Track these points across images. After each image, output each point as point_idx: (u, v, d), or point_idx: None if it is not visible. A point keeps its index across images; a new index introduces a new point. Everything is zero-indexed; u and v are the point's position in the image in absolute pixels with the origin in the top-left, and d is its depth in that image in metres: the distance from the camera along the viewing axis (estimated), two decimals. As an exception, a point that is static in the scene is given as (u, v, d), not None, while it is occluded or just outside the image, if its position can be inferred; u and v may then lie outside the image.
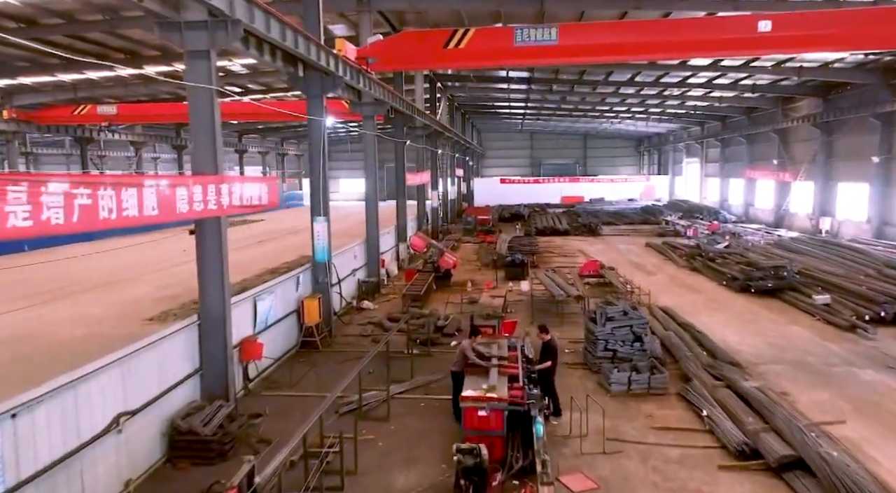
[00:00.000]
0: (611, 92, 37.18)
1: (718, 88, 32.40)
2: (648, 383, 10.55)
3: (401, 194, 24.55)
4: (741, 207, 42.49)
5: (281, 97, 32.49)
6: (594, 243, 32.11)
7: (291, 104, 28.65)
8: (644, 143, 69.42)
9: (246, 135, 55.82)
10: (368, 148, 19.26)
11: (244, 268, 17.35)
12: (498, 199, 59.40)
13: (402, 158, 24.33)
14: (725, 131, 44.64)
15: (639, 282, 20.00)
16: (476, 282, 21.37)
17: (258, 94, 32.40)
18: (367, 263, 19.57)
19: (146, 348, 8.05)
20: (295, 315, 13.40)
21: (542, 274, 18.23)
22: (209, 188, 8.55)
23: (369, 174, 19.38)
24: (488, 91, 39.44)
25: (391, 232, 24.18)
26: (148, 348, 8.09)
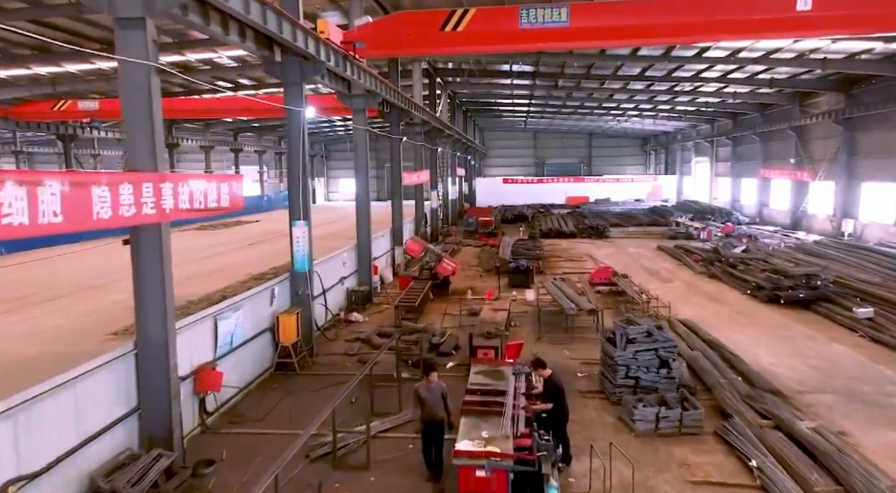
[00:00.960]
0: (619, 87, 35.46)
1: (734, 82, 30.68)
2: (680, 421, 8.86)
3: (397, 195, 22.89)
4: (754, 208, 40.72)
5: (276, 93, 30.85)
6: (602, 247, 30.41)
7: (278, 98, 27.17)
8: (650, 142, 67.65)
9: (241, 133, 54.26)
10: (359, 145, 17.60)
11: (231, 273, 15.84)
12: (500, 199, 57.78)
13: (399, 156, 22.67)
14: (737, 129, 42.87)
15: (654, 290, 18.33)
16: (477, 290, 19.68)
17: (250, 89, 30.79)
18: (357, 270, 17.91)
19: (54, 391, 6.38)
20: (269, 333, 11.74)
21: (549, 283, 16.54)
22: (144, 188, 6.90)
23: (360, 173, 17.72)
24: (490, 87, 37.75)
25: (386, 235, 22.52)
26: (58, 391, 6.42)
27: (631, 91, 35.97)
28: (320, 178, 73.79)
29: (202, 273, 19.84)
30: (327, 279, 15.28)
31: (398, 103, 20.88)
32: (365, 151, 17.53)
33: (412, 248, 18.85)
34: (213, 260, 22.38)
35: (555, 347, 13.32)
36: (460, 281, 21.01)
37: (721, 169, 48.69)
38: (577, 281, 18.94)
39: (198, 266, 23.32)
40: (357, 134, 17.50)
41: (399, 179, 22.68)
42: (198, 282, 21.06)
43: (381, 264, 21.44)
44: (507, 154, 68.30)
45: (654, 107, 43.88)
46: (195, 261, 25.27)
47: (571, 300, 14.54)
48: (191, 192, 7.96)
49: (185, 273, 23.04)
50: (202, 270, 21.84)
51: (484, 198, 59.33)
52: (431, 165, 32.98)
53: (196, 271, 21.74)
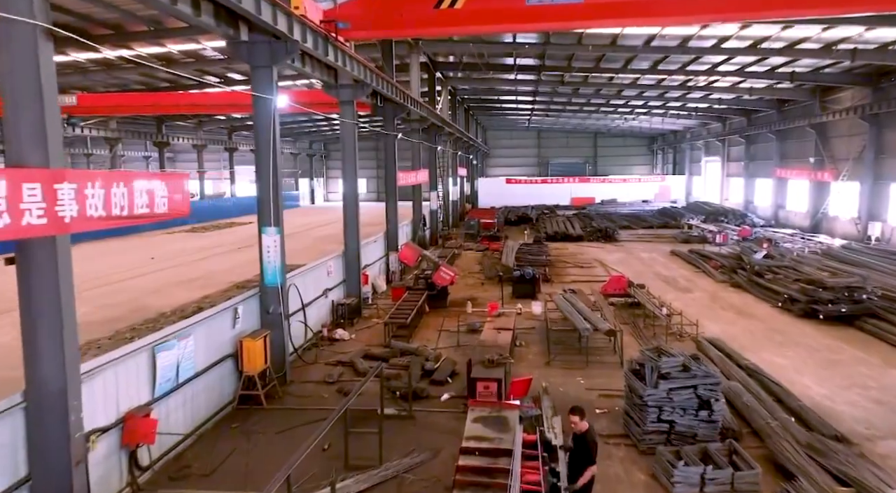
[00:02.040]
0: (629, 82, 33.61)
1: (752, 76, 28.77)
2: (731, 484, 7.04)
3: (392, 196, 21.09)
4: (769, 210, 38.80)
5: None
6: (612, 251, 28.56)
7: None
8: (657, 141, 65.77)
9: (236, 132, 52.59)
10: (346, 140, 15.81)
11: (213, 280, 14.26)
12: (503, 200, 55.99)
13: (393, 153, 20.87)
14: (752, 127, 40.97)
15: (672, 301, 16.54)
16: (478, 301, 17.87)
17: (240, 85, 29.02)
18: (345, 280, 16.11)
19: None
20: (231, 361, 9.95)
21: (559, 297, 14.68)
22: (26, 190, 5.12)
23: (348, 172, 15.93)
24: (493, 82, 35.93)
25: (379, 240, 20.73)
26: None
27: (641, 86, 34.12)
28: (319, 178, 72.18)
29: (182, 280, 18.03)
30: (309, 292, 13.50)
31: (392, 97, 19.08)
32: (353, 148, 15.74)
33: (406, 255, 17.06)
34: (197, 266, 20.67)
35: (567, 373, 11.51)
36: (460, 290, 19.21)
37: (733, 169, 46.79)
38: (589, 293, 17.11)
39: (179, 272, 21.57)
40: (344, 129, 15.71)
41: (394, 178, 20.88)
42: (175, 290, 19.32)
43: (374, 271, 19.65)
44: (510, 154, 66.53)
45: (665, 104, 42.01)
46: (177, 266, 23.50)
47: (585, 317, 12.71)
48: (107, 195, 6.17)
49: (165, 280, 21.29)
50: (183, 276, 20.00)
51: (486, 199, 57.53)
52: (431, 165, 31.20)
53: (177, 277, 19.96)
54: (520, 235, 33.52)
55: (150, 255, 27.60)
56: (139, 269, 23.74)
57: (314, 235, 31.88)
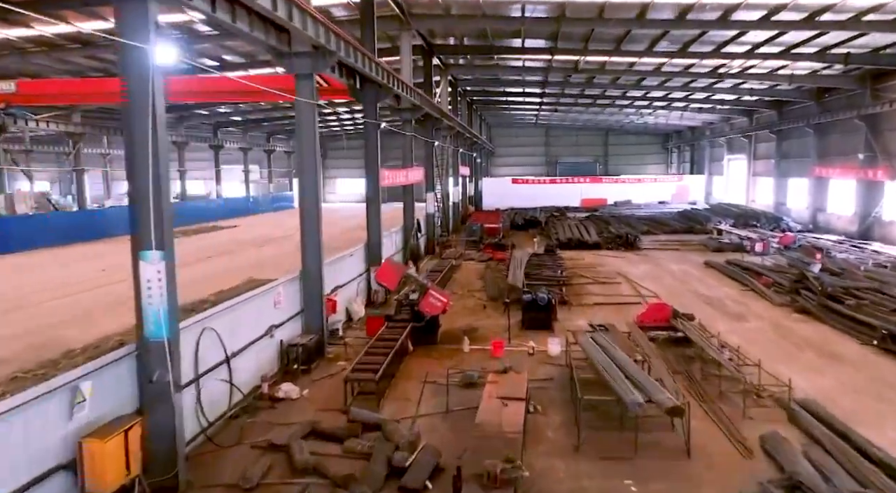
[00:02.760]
0: (651, 70, 29.75)
1: (799, 58, 24.83)
2: None
3: (374, 199, 17.30)
4: (806, 213, 34.79)
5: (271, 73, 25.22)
6: (635, 262, 24.66)
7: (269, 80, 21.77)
8: (672, 138, 61.84)
9: (222, 128, 48.94)
10: (304, 126, 12.02)
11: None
12: (509, 201, 52.18)
13: (375, 146, 17.09)
14: (784, 121, 36.98)
15: (726, 332, 12.78)
16: (478, 332, 14.07)
17: (240, 69, 25.24)
18: (302, 310, 12.31)
19: None
20: (69, 474, 6.13)
21: (586, 340, 10.70)
22: None
23: (306, 165, 12.14)
24: (499, 70, 32.11)
25: (358, 253, 16.93)
26: None
27: (665, 74, 30.20)
28: (315, 178, 68.59)
29: (123, 300, 14.12)
30: (242, 334, 9.74)
31: (372, 75, 15.28)
32: (312, 136, 11.95)
33: (385, 275, 13.23)
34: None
35: (608, 468, 7.67)
36: (456, 316, 15.41)
37: (760, 167, 42.81)
38: (614, 315, 13.25)
39: (126, 289, 17.85)
40: (301, 111, 11.90)
41: (376, 177, 17.08)
42: (108, 316, 15.44)
43: (351, 292, 15.86)
44: (516, 152, 62.75)
45: (688, 96, 38.10)
46: (113, 284, 19.64)
47: (631, 378, 8.78)
48: None
49: (102, 300, 17.30)
50: (128, 295, 16.17)
51: (491, 200, 53.70)
52: (427, 162, 27.41)
53: (119, 296, 16.09)
54: (528, 242, 29.68)
55: (106, 265, 23.93)
56: (81, 284, 19.98)
57: (297, 240, 28.08)
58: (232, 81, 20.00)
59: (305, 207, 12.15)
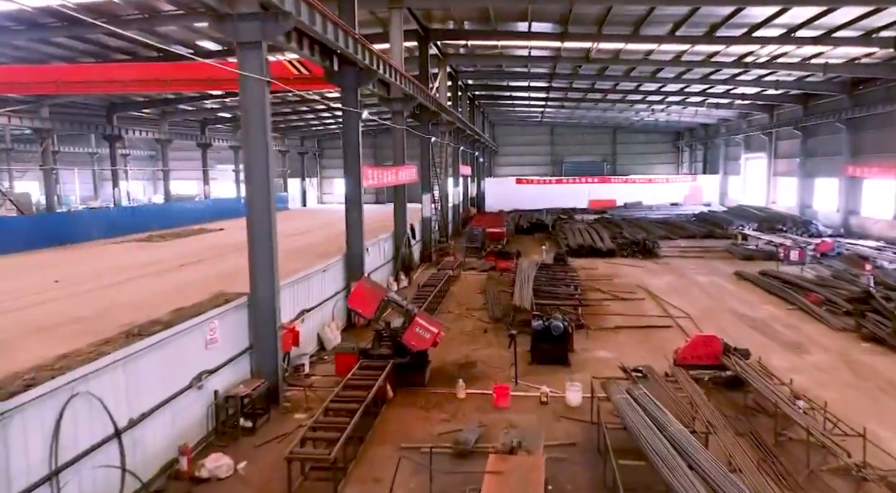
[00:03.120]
0: (670, 59, 26.99)
1: (840, 43, 22.04)
2: None
3: (354, 201, 14.59)
4: (836, 216, 31.96)
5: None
6: (656, 272, 21.93)
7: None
8: (684, 136, 58.98)
9: (210, 126, 46.27)
10: (251, 112, 9.32)
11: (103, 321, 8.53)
12: (513, 203, 49.56)
13: (356, 139, 14.41)
14: (811, 116, 34.12)
15: (783, 368, 10.10)
16: (476, 368, 11.38)
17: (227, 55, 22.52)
18: (250, 347, 9.60)
19: None
20: None
21: (621, 399, 7.87)
22: None
23: (254, 162, 9.45)
24: (503, 59, 29.36)
25: (334, 267, 14.23)
26: None
27: (685, 64, 27.42)
28: (312, 178, 65.85)
29: (61, 320, 11.55)
30: (151, 388, 7.06)
31: (349, 53, 12.59)
32: (261, 122, 9.25)
33: (359, 300, 10.51)
34: (108, 293, 14.49)
35: None
36: (451, 344, 12.74)
37: (782, 167, 39.98)
38: (665, 374, 10.48)
39: (71, 305, 14.88)
40: (247, 90, 9.19)
41: (356, 176, 14.39)
42: (34, 340, 12.83)
43: (325, 314, 13.19)
44: (520, 151, 59.97)
45: (706, 89, 35.30)
46: (81, 294, 16.76)
47: (696, 467, 6.04)
48: None
49: (37, 320, 14.69)
50: (69, 313, 13.44)
51: (494, 201, 51.08)
52: (423, 160, 24.74)
53: (59, 314, 13.32)
54: (535, 249, 26.99)
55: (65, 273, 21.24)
56: (21, 299, 17.34)
57: (287, 246, 25.33)
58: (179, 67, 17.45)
59: (254, 215, 9.45)
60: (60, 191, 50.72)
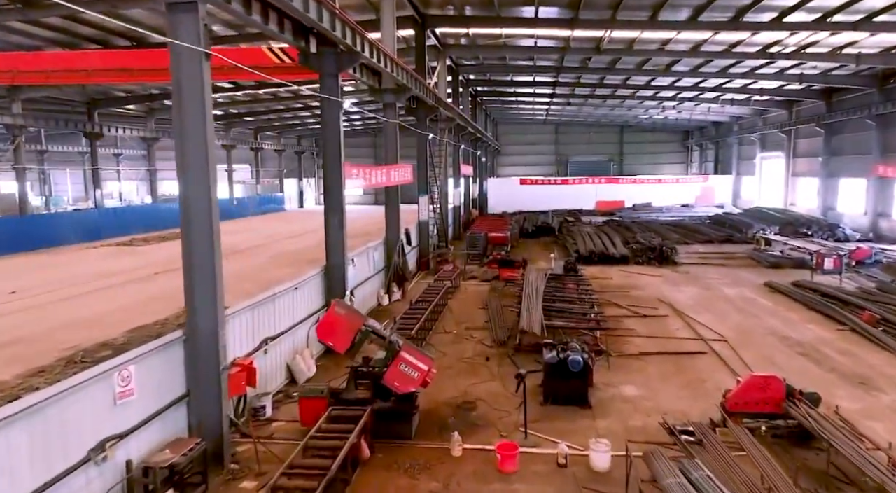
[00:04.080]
0: (688, 49, 24.87)
1: (881, 28, 19.90)
2: None
3: (335, 205, 12.52)
4: (864, 220, 29.79)
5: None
6: (676, 282, 19.81)
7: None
8: (694, 135, 56.80)
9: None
10: (185, 92, 7.24)
11: (42, 343, 6.55)
12: (517, 204, 47.54)
13: (337, 133, 12.35)
14: (835, 113, 31.95)
15: (848, 408, 8.05)
16: (477, 413, 9.31)
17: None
18: (185, 395, 7.51)
19: None
20: None
21: (673, 483, 5.77)
22: None
23: (190, 155, 7.36)
24: (507, 51, 27.23)
25: (312, 282, 12.13)
26: None
27: (704, 54, 25.32)
28: (310, 178, 63.82)
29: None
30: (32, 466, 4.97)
31: (326, 29, 10.53)
32: (199, 106, 7.18)
33: (329, 330, 8.39)
34: (62, 308, 12.55)
35: None
36: (446, 377, 10.67)
37: (802, 167, 37.80)
38: (711, 423, 8.37)
39: (10, 323, 13.04)
40: (180, 63, 7.11)
41: (338, 176, 12.32)
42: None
43: (297, 342, 11.10)
44: (524, 151, 57.86)
45: (723, 84, 33.14)
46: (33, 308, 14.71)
47: None
48: None
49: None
50: (17, 329, 11.39)
51: (497, 202, 49.01)
52: (420, 159, 22.68)
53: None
54: (541, 254, 24.92)
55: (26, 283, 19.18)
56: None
57: (277, 250, 23.23)
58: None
59: (190, 224, 7.36)
60: (52, 191, 48.97)
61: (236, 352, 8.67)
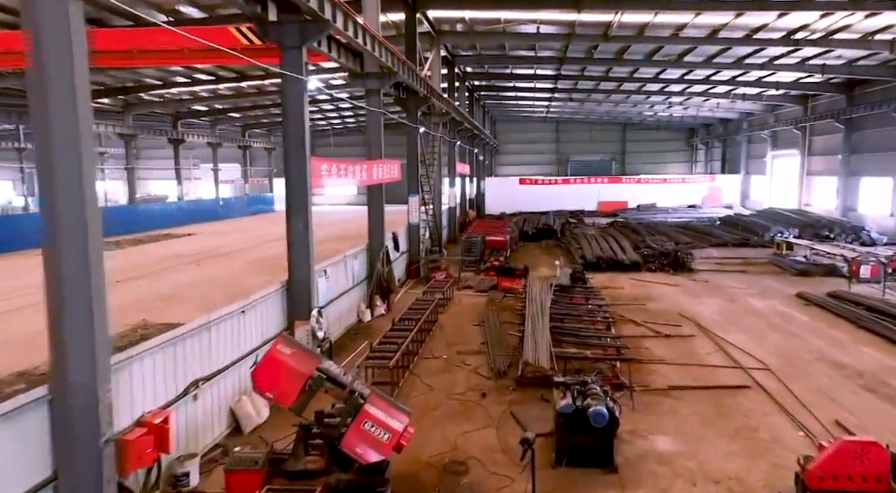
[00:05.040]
0: (705, 36, 22.73)
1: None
2: None
3: (299, 207, 10.32)
4: (891, 221, 27.65)
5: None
6: (696, 292, 17.65)
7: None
8: (699, 133, 54.67)
9: (183, 118, 42.01)
10: (47, 55, 5.05)
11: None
12: (516, 204, 45.43)
13: (301, 119, 10.18)
14: (857, 107, 29.81)
15: None
16: (467, 482, 7.10)
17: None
18: (54, 479, 5.30)
19: None
20: None
21: None
22: None
23: (55, 147, 5.16)
24: (506, 38, 25.04)
25: (268, 302, 9.92)
26: None
27: (722, 41, 23.15)
28: (301, 178, 61.67)
29: None
30: None
31: None
32: (67, 69, 4.98)
33: (269, 379, 6.22)
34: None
35: None
36: (432, 421, 8.49)
37: (818, 165, 35.66)
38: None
39: None
40: (39, 13, 4.92)
41: (302, 171, 10.14)
42: None
43: (246, 379, 8.88)
44: (523, 150, 55.71)
45: (737, 77, 31.03)
46: None
47: None
48: None
49: None
50: None
51: (495, 202, 46.90)
52: (410, 155, 20.52)
53: None
54: (543, 260, 22.77)
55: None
56: None
57: (260, 254, 21.02)
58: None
59: (58, 242, 5.17)
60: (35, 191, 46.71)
61: (146, 405, 6.49)
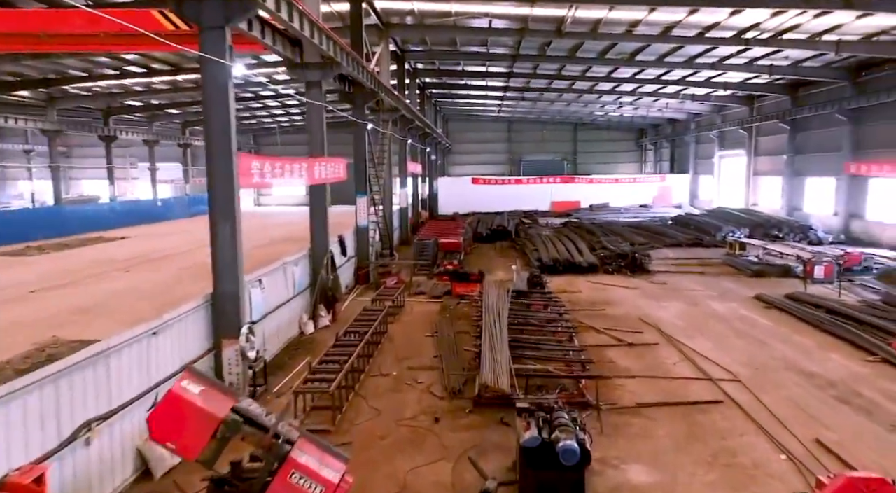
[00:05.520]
0: (658, 34, 22.39)
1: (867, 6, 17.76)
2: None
3: (224, 211, 9.06)
4: (835, 221, 28.11)
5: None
6: (656, 295, 17.13)
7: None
8: (648, 133, 55.29)
9: (116, 115, 39.40)
10: None
11: None
12: (469, 205, 44.67)
13: (226, 109, 8.91)
14: (803, 107, 30.24)
15: None
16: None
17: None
18: None
19: None
20: None
21: None
22: None
23: None
24: (457, 32, 24.14)
25: (189, 320, 8.62)
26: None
27: (675, 40, 22.87)
28: (247, 177, 59.18)
29: None
30: None
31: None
32: None
33: (171, 425, 5.05)
34: None
35: None
36: (378, 454, 7.42)
37: (764, 165, 36.24)
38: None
39: None
40: None
41: (228, 170, 8.88)
42: None
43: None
44: (475, 149, 55.18)
45: (687, 77, 31.11)
46: None
47: None
48: None
49: None
50: None
51: (448, 202, 46.05)
52: (358, 153, 19.33)
53: None
54: (499, 263, 21.95)
55: None
56: None
57: (198, 259, 19.35)
58: None
59: None
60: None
61: (14, 459, 5.19)
